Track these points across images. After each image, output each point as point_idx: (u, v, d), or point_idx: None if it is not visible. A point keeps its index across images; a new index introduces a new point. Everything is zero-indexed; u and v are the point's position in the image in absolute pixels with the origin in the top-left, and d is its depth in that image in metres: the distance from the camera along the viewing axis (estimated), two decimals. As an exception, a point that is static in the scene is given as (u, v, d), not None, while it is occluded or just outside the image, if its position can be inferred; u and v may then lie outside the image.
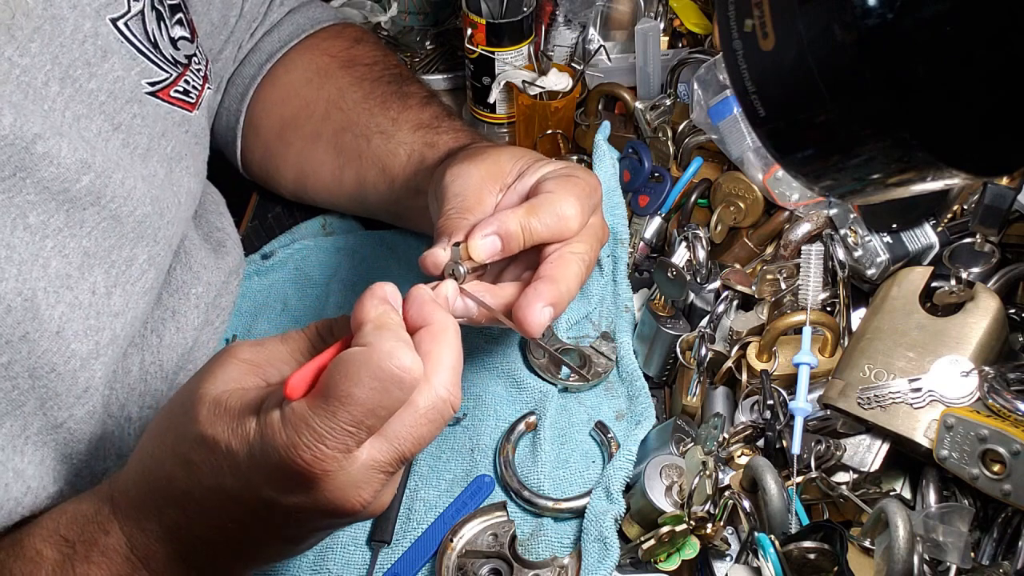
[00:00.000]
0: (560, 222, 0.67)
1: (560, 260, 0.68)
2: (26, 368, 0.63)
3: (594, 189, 0.71)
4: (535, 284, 0.66)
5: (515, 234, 0.66)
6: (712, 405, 0.80)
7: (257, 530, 0.58)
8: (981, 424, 0.65)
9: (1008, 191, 0.72)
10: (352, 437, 0.53)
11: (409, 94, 0.94)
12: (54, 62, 0.65)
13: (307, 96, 0.96)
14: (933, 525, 0.65)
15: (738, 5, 0.48)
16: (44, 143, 0.63)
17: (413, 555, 0.75)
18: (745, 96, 0.49)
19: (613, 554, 0.71)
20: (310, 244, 1.00)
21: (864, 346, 0.73)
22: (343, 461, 0.54)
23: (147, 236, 0.73)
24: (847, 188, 0.51)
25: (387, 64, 0.98)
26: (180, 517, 0.58)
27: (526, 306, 0.65)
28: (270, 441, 0.53)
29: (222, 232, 0.94)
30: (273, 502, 0.55)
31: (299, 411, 0.53)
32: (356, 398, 0.52)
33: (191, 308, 0.84)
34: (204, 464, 0.56)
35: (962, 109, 0.46)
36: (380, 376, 0.53)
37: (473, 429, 0.82)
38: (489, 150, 0.76)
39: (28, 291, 0.63)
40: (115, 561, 0.60)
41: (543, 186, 0.70)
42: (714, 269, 0.86)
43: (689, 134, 0.97)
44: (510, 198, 0.72)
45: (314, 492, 0.54)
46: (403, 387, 0.54)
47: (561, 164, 0.73)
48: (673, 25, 1.09)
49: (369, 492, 0.55)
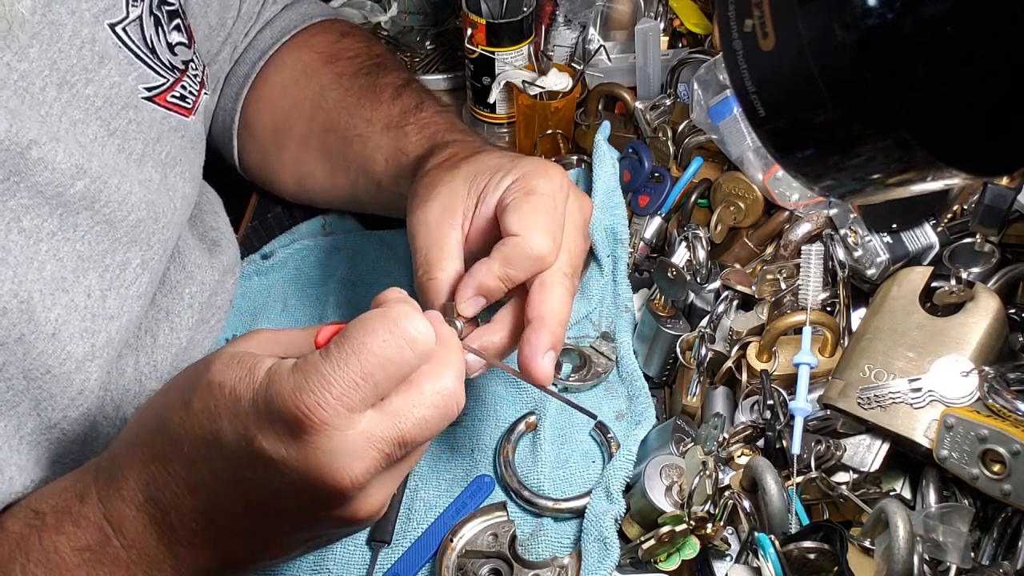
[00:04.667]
0: (535, 264, 0.68)
1: (544, 290, 0.68)
2: (21, 370, 0.64)
3: (557, 193, 0.70)
4: (530, 334, 0.66)
5: (496, 288, 0.68)
6: (712, 405, 0.80)
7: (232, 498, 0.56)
8: (981, 424, 0.65)
9: (1008, 191, 0.72)
10: (357, 390, 0.52)
11: (382, 87, 0.93)
12: (52, 67, 0.66)
13: (295, 96, 0.96)
14: (933, 525, 0.65)
15: (738, 5, 0.48)
16: (39, 148, 0.63)
17: (413, 555, 0.75)
18: (745, 96, 0.49)
19: (613, 554, 0.71)
20: (310, 244, 1.00)
21: (864, 346, 0.73)
22: (342, 419, 0.52)
23: (141, 240, 0.73)
24: (847, 188, 0.51)
25: (369, 55, 0.98)
26: (161, 474, 0.57)
27: (530, 362, 0.66)
28: (276, 386, 0.52)
29: (217, 231, 0.94)
30: (261, 456, 0.53)
31: (311, 359, 0.53)
32: (368, 347, 0.52)
33: (185, 308, 0.84)
34: (202, 410, 0.55)
35: (962, 109, 0.46)
36: (394, 331, 0.53)
37: (473, 429, 0.82)
38: (443, 176, 0.74)
39: (24, 293, 0.63)
40: (87, 530, 0.58)
41: (508, 221, 0.69)
42: (714, 269, 0.86)
43: (689, 134, 0.97)
44: (479, 225, 0.72)
45: (306, 447, 0.52)
46: (415, 347, 0.54)
47: (518, 171, 0.71)
48: (673, 25, 1.09)
49: (361, 468, 0.53)
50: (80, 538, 0.58)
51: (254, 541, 0.59)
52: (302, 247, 1.00)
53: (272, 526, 0.58)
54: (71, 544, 0.58)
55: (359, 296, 0.93)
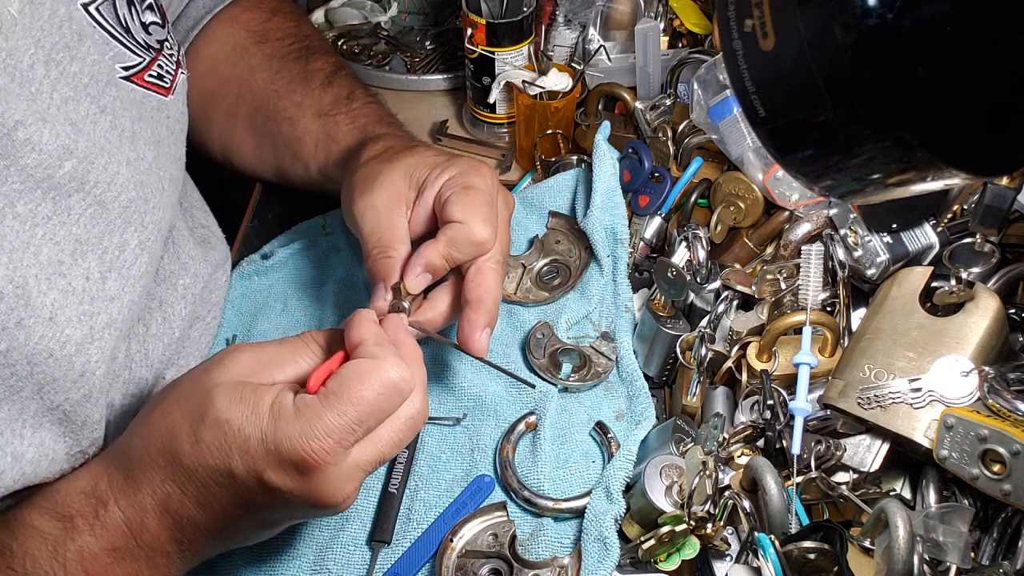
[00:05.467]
0: (477, 248, 0.76)
1: (479, 275, 0.76)
2: (24, 355, 0.64)
3: (491, 189, 0.79)
4: (468, 313, 0.75)
5: (440, 267, 0.76)
6: (712, 405, 0.80)
7: (242, 512, 0.65)
8: (981, 424, 0.65)
9: (1008, 191, 0.72)
10: (353, 434, 0.62)
11: (313, 73, 0.97)
12: (37, 45, 0.66)
13: (224, 73, 0.99)
14: (933, 525, 0.65)
15: (738, 5, 0.48)
16: (25, 129, 0.64)
17: (413, 555, 0.75)
18: (745, 96, 0.49)
19: (613, 554, 0.71)
20: (310, 244, 1.00)
21: (864, 346, 0.73)
22: (340, 457, 0.62)
23: (134, 221, 0.73)
24: (847, 188, 0.51)
25: (298, 36, 1.00)
26: (175, 492, 0.64)
27: (468, 337, 0.75)
28: (284, 429, 0.61)
29: (206, 229, 0.95)
30: (269, 487, 0.62)
31: (312, 405, 0.62)
32: (364, 400, 0.62)
33: (178, 299, 0.84)
34: (215, 445, 0.62)
35: (962, 109, 0.46)
36: (386, 383, 0.63)
37: (473, 429, 0.82)
38: (382, 169, 0.81)
39: (19, 279, 0.64)
40: (113, 533, 0.65)
41: (450, 210, 0.76)
42: (714, 269, 0.86)
43: (689, 134, 0.97)
44: (419, 214, 0.80)
45: (309, 480, 0.62)
46: (401, 395, 0.64)
47: (453, 169, 0.79)
48: (673, 25, 1.09)
49: (352, 487, 0.64)
50: (107, 540, 0.65)
51: (251, 534, 0.69)
52: (302, 247, 0.99)
53: (269, 526, 0.69)
54: (100, 545, 0.65)
55: (359, 296, 0.93)
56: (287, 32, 1.00)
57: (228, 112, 0.99)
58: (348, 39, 1.24)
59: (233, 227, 1.01)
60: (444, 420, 0.83)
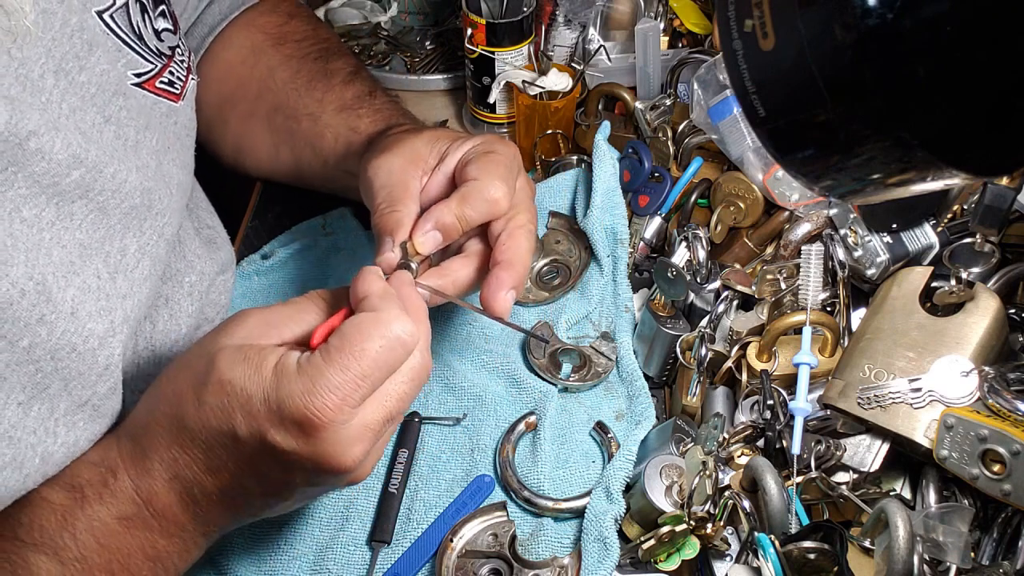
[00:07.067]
0: (491, 206, 0.74)
1: (511, 239, 0.74)
2: (47, 351, 0.65)
3: (513, 158, 0.77)
4: (496, 272, 0.73)
5: (452, 225, 0.73)
6: (712, 405, 0.80)
7: (250, 478, 0.64)
8: (981, 424, 0.65)
9: (1008, 191, 0.72)
10: (358, 390, 0.60)
11: (333, 72, 0.97)
12: (48, 55, 0.66)
13: (241, 75, 0.99)
14: (933, 525, 0.65)
15: (738, 5, 0.48)
16: (38, 139, 0.64)
17: (413, 555, 0.75)
18: (745, 96, 0.49)
19: (613, 554, 0.71)
20: (310, 244, 1.00)
21: (864, 346, 0.73)
22: (345, 415, 0.60)
23: (133, 228, 0.74)
24: (847, 188, 0.51)
25: (316, 39, 1.01)
26: (181, 457, 0.64)
27: (493, 295, 0.73)
28: (286, 389, 0.60)
29: (212, 230, 0.95)
30: (274, 448, 0.61)
31: (315, 362, 0.60)
32: (367, 353, 0.60)
33: (184, 296, 0.85)
34: (217, 406, 0.62)
35: (962, 109, 0.46)
36: (389, 336, 0.61)
37: (473, 429, 0.82)
38: (405, 137, 0.80)
39: (38, 275, 0.64)
40: (123, 501, 0.65)
41: (467, 170, 0.75)
42: (714, 269, 0.86)
43: (689, 134, 0.97)
44: (437, 180, 0.77)
45: (314, 441, 0.61)
46: (406, 348, 0.62)
47: (478, 139, 0.78)
48: (673, 25, 1.09)
49: (360, 450, 0.62)
50: (117, 508, 0.65)
51: (264, 503, 0.67)
52: (302, 247, 1.00)
53: (281, 494, 0.67)
54: (110, 513, 0.64)
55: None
56: (305, 35, 1.01)
57: (245, 113, 0.99)
58: (348, 39, 1.24)
59: (233, 227, 1.01)
60: (444, 420, 0.83)
